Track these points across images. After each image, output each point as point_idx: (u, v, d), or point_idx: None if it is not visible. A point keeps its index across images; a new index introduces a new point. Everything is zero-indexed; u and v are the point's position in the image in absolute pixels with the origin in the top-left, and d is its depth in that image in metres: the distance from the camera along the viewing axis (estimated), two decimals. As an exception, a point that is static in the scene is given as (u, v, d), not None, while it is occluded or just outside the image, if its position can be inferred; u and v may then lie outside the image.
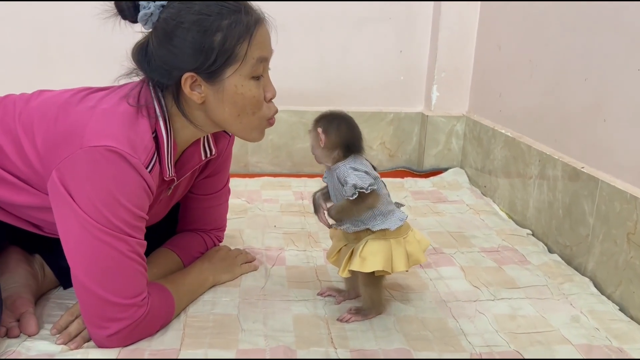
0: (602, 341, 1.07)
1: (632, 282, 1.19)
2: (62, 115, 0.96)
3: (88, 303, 0.95)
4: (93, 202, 0.90)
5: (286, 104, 2.14)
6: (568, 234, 1.43)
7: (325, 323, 1.10)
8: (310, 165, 2.19)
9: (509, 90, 1.87)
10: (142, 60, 0.98)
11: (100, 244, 0.91)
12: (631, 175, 1.25)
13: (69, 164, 0.90)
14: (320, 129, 1.07)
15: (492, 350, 1.04)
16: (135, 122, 0.95)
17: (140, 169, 0.93)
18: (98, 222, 0.90)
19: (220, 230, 1.36)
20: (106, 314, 0.94)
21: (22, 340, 1.00)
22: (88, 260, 0.92)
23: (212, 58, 0.95)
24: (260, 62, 1.00)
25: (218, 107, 1.00)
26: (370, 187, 1.03)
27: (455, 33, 2.10)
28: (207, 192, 1.28)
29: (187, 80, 0.96)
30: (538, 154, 1.61)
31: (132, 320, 0.96)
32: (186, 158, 1.11)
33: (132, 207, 0.93)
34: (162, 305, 1.04)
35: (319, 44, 2.13)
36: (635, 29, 1.24)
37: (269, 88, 1.04)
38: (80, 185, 0.90)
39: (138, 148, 0.93)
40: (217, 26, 0.94)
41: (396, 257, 1.06)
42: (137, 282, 0.96)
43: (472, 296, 1.23)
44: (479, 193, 1.95)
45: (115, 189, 0.91)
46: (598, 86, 1.37)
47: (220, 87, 0.98)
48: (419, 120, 2.22)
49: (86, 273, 0.92)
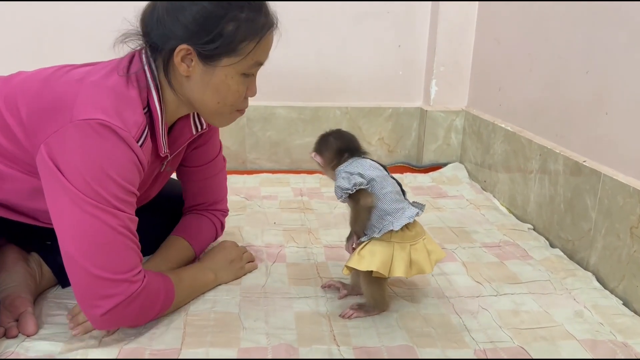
0: (607, 336, 1.06)
1: (635, 276, 1.18)
2: (47, 88, 0.94)
3: (79, 281, 0.92)
4: (83, 176, 0.88)
5: (284, 99, 2.13)
6: (570, 229, 1.43)
7: (327, 320, 1.09)
8: (308, 161, 2.16)
9: (508, 84, 1.86)
10: (148, 17, 0.96)
11: (89, 217, 0.89)
12: (634, 169, 1.24)
13: (58, 138, 0.88)
14: (313, 153, 1.14)
15: (495, 346, 1.03)
16: (126, 96, 0.94)
17: (131, 142, 0.91)
18: (87, 195, 0.88)
19: (222, 202, 1.34)
20: (98, 291, 0.91)
21: (21, 341, 0.99)
22: (77, 234, 0.90)
23: (216, 43, 0.94)
24: (257, 65, 1.01)
25: (200, 88, 1.00)
26: (355, 187, 1.03)
27: (454, 27, 2.08)
28: (200, 162, 1.27)
29: (182, 52, 0.95)
30: (539, 148, 1.60)
31: (125, 296, 0.92)
32: (177, 133, 1.11)
33: (122, 182, 0.91)
34: (160, 288, 1.01)
35: (317, 39, 2.12)
36: (636, 21, 1.23)
37: (252, 87, 1.05)
38: (70, 159, 0.88)
39: (129, 122, 0.92)
40: (234, 16, 0.94)
41: (396, 262, 1.04)
42: (129, 257, 0.93)
43: (475, 292, 1.22)
44: (479, 188, 1.95)
45: (106, 163, 0.89)
46: (599, 79, 1.36)
47: (210, 71, 0.98)
48: (418, 115, 2.21)
49: (76, 248, 0.90)
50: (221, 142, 1.32)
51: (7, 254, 1.13)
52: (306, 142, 2.16)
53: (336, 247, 1.43)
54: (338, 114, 2.13)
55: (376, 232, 1.05)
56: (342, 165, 1.09)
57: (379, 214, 1.05)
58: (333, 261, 1.35)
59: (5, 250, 1.14)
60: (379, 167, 1.08)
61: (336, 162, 1.10)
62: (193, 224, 1.28)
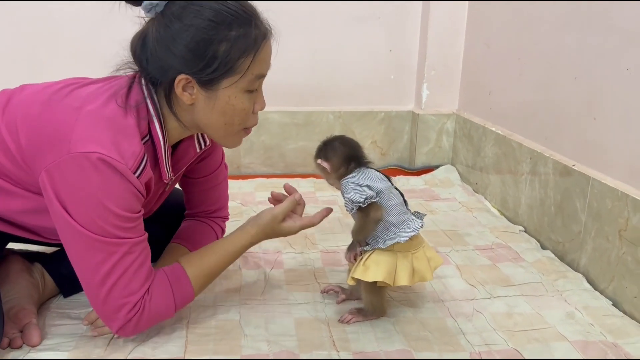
0: (597, 337, 1.10)
1: (624, 278, 1.22)
2: (46, 113, 0.94)
3: (92, 302, 0.98)
4: (83, 210, 0.90)
5: (277, 104, 2.15)
6: (560, 231, 1.46)
7: (326, 326, 1.12)
8: (302, 165, 2.20)
9: (498, 88, 1.89)
10: (140, 52, 0.96)
11: (94, 252, 0.92)
12: (622, 172, 1.27)
13: (57, 170, 0.89)
14: (319, 160, 1.11)
15: (490, 349, 1.06)
16: (124, 126, 0.94)
17: (127, 174, 0.92)
18: (89, 230, 0.90)
19: (224, 209, 1.35)
20: (108, 314, 0.97)
21: (26, 352, 1.01)
22: (84, 266, 0.94)
23: (212, 67, 0.94)
24: (258, 78, 1.00)
25: (206, 113, 0.99)
26: (367, 201, 1.03)
27: (445, 32, 2.11)
28: (204, 174, 1.27)
29: (181, 82, 0.95)
30: (529, 151, 1.63)
31: (132, 315, 0.96)
32: (182, 153, 1.11)
33: (122, 212, 0.92)
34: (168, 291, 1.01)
35: (310, 43, 2.14)
36: (624, 28, 1.26)
37: (259, 100, 1.04)
38: (70, 193, 0.90)
39: (126, 153, 0.92)
40: (224, 36, 0.93)
41: (400, 271, 1.06)
42: (133, 280, 0.96)
43: (469, 295, 1.25)
44: (471, 190, 1.98)
45: (104, 196, 0.90)
46: (588, 85, 1.39)
47: (213, 95, 0.97)
48: (410, 118, 2.24)
49: (83, 276, 0.95)
50: (224, 150, 1.31)
51: (11, 265, 1.14)
52: (300, 147, 2.18)
53: (333, 252, 1.46)
54: (331, 118, 2.16)
55: (381, 243, 1.06)
56: (350, 176, 1.08)
57: (385, 225, 1.06)
58: (330, 266, 1.38)
59: (8, 261, 1.15)
60: (384, 178, 1.09)
61: (343, 170, 1.09)
62: (193, 231, 1.28)
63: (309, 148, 2.19)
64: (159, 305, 1.00)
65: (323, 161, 1.10)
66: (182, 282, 1.03)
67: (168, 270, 1.03)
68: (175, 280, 1.02)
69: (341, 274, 1.34)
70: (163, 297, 1.00)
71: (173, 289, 1.02)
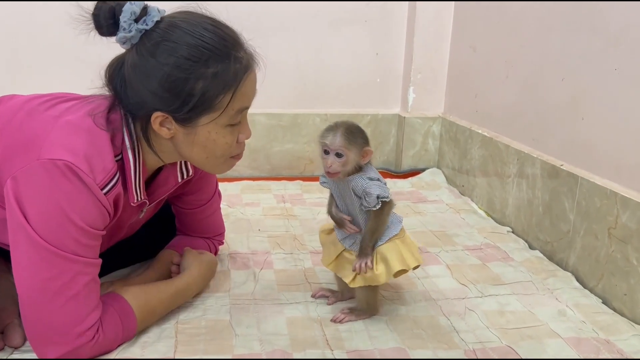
0: (589, 333, 1.10)
1: (613, 275, 1.22)
2: (27, 124, 0.92)
3: (31, 322, 0.90)
4: (44, 217, 0.86)
5: (263, 107, 2.13)
6: (549, 231, 1.47)
7: (319, 325, 1.10)
8: (288, 168, 2.19)
9: (484, 90, 1.90)
10: (116, 84, 0.93)
11: (47, 265, 0.87)
12: (610, 171, 1.28)
13: (24, 174, 0.86)
14: (365, 146, 1.02)
15: (484, 346, 1.05)
16: (99, 141, 0.91)
17: (94, 189, 0.89)
18: (46, 240, 0.86)
19: (221, 235, 1.35)
20: (47, 337, 0.90)
21: (10, 353, 0.97)
22: (33, 281, 0.87)
23: (189, 105, 0.90)
24: (240, 112, 0.96)
25: (187, 146, 0.97)
26: (390, 196, 1.03)
27: (430, 35, 2.13)
28: (194, 205, 1.26)
29: (158, 118, 0.92)
30: (516, 152, 1.64)
31: (72, 347, 0.90)
32: (162, 181, 1.08)
33: (84, 225, 0.88)
34: (118, 329, 0.97)
35: (297, 46, 2.13)
36: (611, 29, 1.28)
37: (244, 130, 1.00)
38: (32, 200, 0.86)
39: (96, 168, 0.89)
40: (201, 74, 0.89)
41: (406, 255, 1.07)
42: (81, 308, 0.90)
43: (461, 294, 1.25)
44: (457, 192, 1.98)
45: (68, 205, 0.87)
46: (575, 85, 1.41)
47: (192, 131, 0.94)
48: (396, 121, 2.24)
49: (29, 292, 0.88)
50: (217, 178, 1.29)
51: (-9, 266, 1.10)
52: (286, 149, 2.17)
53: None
54: (317, 120, 2.15)
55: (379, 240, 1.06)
56: (362, 171, 1.04)
57: None
58: (320, 267, 1.36)
59: (-11, 262, 1.11)
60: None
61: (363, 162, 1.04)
62: (190, 241, 1.27)
63: (295, 151, 2.19)
64: (109, 339, 0.95)
65: (369, 147, 1.03)
66: (130, 319, 0.99)
67: (113, 302, 0.97)
68: (125, 316, 0.98)
69: (332, 274, 1.32)
70: (113, 331, 0.96)
71: (123, 324, 0.97)
